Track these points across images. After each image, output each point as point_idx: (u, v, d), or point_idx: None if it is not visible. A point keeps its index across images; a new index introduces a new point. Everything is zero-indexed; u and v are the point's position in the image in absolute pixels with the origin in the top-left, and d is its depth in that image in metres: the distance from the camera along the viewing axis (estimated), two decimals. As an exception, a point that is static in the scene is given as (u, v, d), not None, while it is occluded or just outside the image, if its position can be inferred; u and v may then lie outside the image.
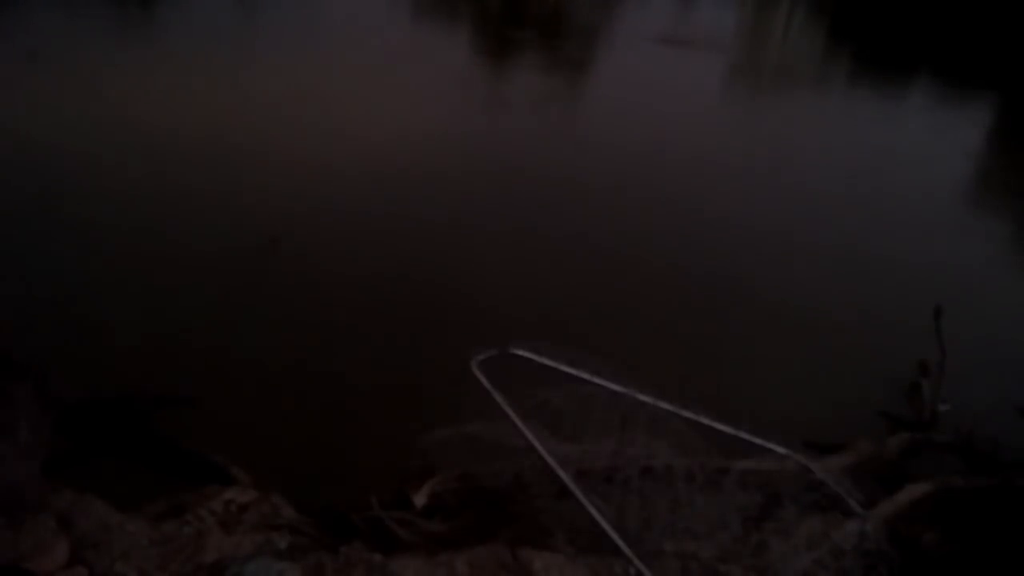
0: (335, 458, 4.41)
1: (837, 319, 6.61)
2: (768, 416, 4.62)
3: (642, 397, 4.03)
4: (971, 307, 6.57)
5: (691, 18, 20.25)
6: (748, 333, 6.30)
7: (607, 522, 3.62)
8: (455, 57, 13.19)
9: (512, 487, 3.95)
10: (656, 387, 4.10)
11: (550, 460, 3.81)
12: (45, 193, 6.87)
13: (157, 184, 7.33)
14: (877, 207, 9.16)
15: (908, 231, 8.68)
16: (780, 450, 4.23)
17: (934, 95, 15.06)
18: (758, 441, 4.21)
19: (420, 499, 3.96)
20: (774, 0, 24.05)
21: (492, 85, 12.59)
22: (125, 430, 4.28)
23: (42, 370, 3.97)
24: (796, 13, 23.68)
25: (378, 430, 4.63)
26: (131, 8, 13.70)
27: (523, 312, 6.02)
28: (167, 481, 3.94)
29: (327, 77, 11.00)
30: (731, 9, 22.49)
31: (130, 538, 3.35)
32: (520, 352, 4.11)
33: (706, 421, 4.08)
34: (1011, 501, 4.31)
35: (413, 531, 3.80)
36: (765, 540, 3.78)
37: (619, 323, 6.12)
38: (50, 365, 4.11)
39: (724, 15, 21.00)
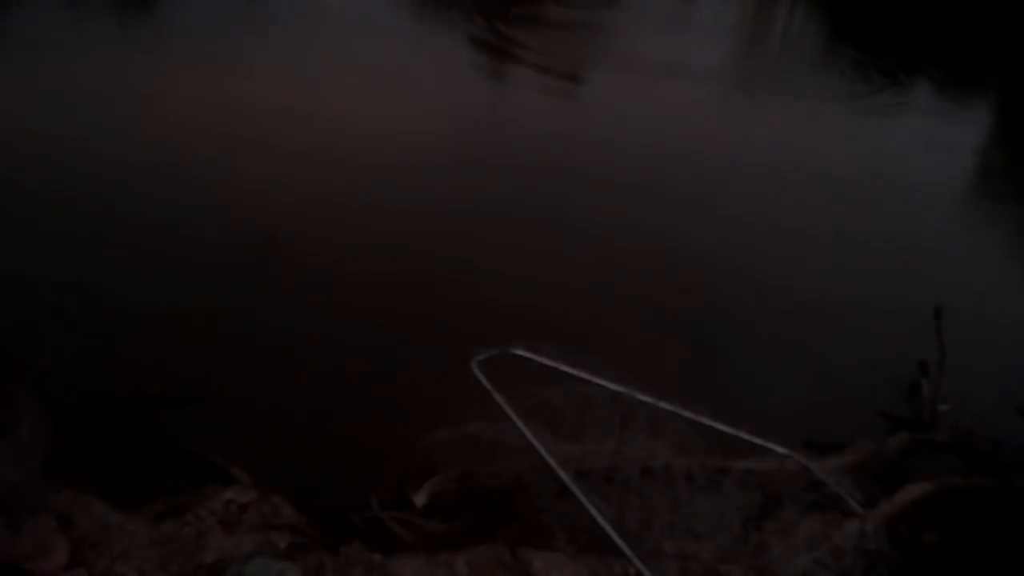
0: (335, 458, 4.40)
1: (837, 319, 6.61)
2: (768, 416, 4.63)
3: (642, 397, 4.04)
4: (971, 307, 6.57)
5: (691, 16, 20.24)
6: (748, 333, 6.30)
7: (607, 522, 3.63)
8: (457, 52, 13.18)
9: (512, 487, 3.95)
10: (656, 387, 4.11)
11: (550, 460, 3.81)
12: (45, 192, 6.86)
13: (157, 184, 7.32)
14: (878, 207, 9.15)
15: (909, 231, 8.67)
16: (780, 450, 4.23)
17: (936, 94, 15.06)
18: (758, 441, 4.21)
19: (420, 499, 3.96)
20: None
21: (493, 81, 12.58)
22: (125, 430, 4.28)
23: (42, 370, 3.97)
24: (797, 10, 23.67)
25: (378, 430, 4.62)
26: (131, 7, 13.70)
27: (523, 311, 6.01)
28: (167, 481, 3.94)
29: (327, 74, 10.99)
30: (731, 6, 22.46)
31: (130, 538, 3.35)
32: (520, 352, 4.12)
33: (706, 421, 4.09)
34: (1011, 501, 4.32)
35: (413, 531, 3.80)
36: (765, 540, 3.78)
37: (619, 323, 6.12)
38: (50, 365, 4.12)
39: (724, 12, 20.97)
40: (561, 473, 3.77)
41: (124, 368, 4.81)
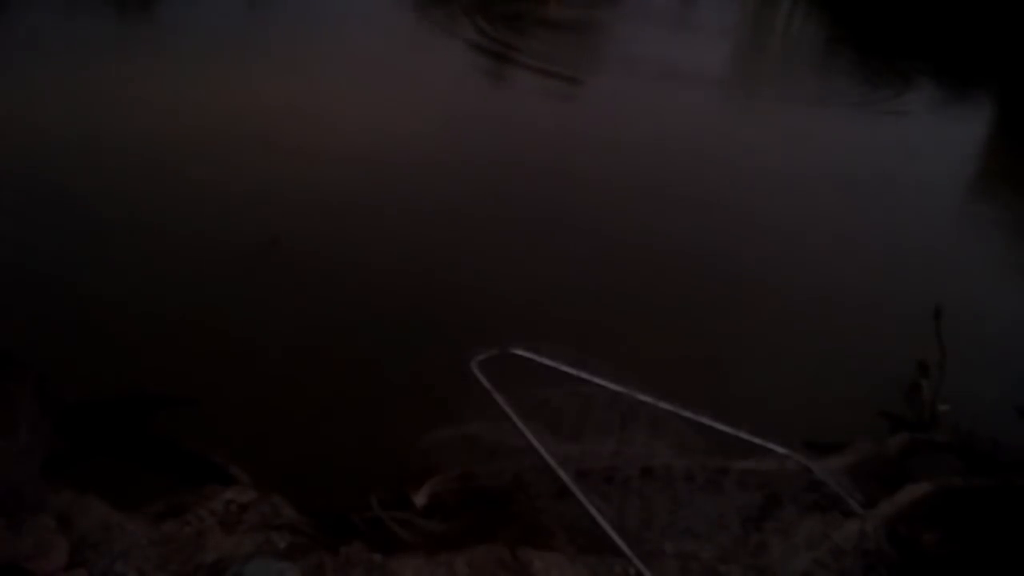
0: (335, 458, 4.41)
1: (837, 319, 6.61)
2: (768, 416, 4.64)
3: (642, 397, 4.05)
4: (971, 307, 6.57)
5: (690, 15, 20.25)
6: (748, 333, 6.30)
7: (607, 522, 3.63)
8: (456, 52, 13.19)
9: (512, 487, 3.95)
10: (656, 387, 4.12)
11: (550, 460, 3.81)
12: (44, 192, 6.86)
13: (158, 184, 7.32)
14: (878, 207, 9.15)
15: (909, 231, 8.68)
16: (780, 450, 4.24)
17: (936, 94, 15.06)
18: (758, 441, 4.22)
19: (420, 499, 3.96)
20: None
21: (493, 81, 12.58)
22: (125, 430, 4.28)
23: (42, 370, 3.97)
24: (797, 10, 23.68)
25: (378, 430, 4.63)
26: (130, 7, 13.70)
27: (523, 311, 6.02)
28: (167, 481, 3.94)
29: (327, 74, 10.99)
30: (731, 6, 22.46)
31: (130, 538, 3.35)
32: (520, 352, 4.13)
33: (706, 421, 4.10)
34: (1011, 501, 4.32)
35: (413, 531, 3.80)
36: (765, 540, 3.78)
37: (619, 323, 6.12)
38: (50, 365, 4.12)
39: (724, 12, 20.97)
40: (561, 473, 3.77)
41: (124, 368, 4.81)
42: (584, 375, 4.05)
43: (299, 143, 8.54)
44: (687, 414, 4.06)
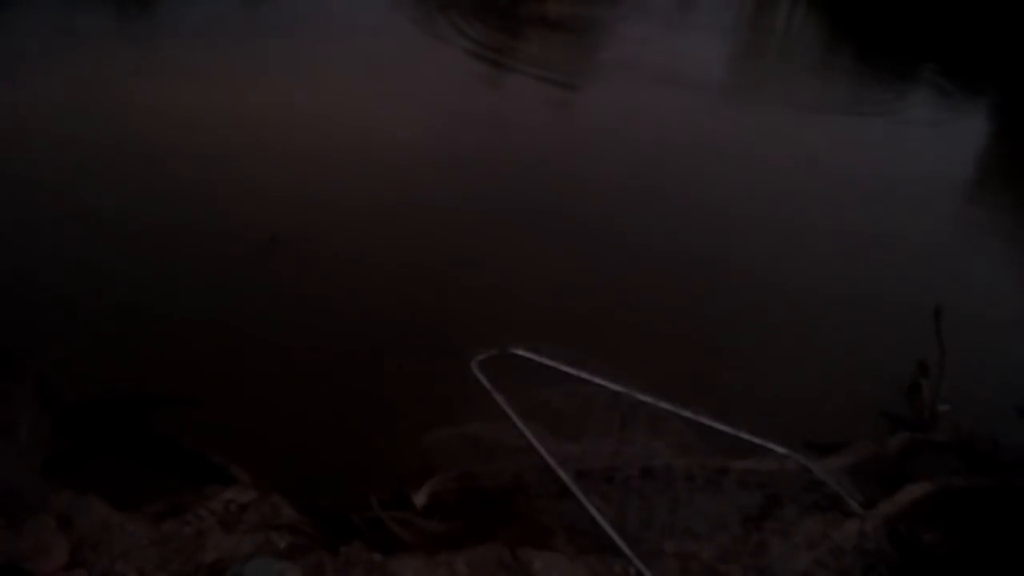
0: (335, 458, 4.41)
1: (837, 320, 6.61)
2: (768, 416, 4.64)
3: (642, 397, 4.05)
4: (971, 307, 6.57)
5: (690, 15, 20.24)
6: (748, 333, 6.30)
7: (607, 522, 3.64)
8: (455, 52, 13.18)
9: (512, 487, 3.96)
10: (656, 387, 4.12)
11: (550, 460, 3.82)
12: (44, 193, 6.87)
13: (157, 183, 7.32)
14: (878, 208, 9.15)
15: (909, 232, 8.67)
16: (780, 450, 4.25)
17: (936, 94, 15.05)
18: (758, 441, 4.23)
19: (420, 499, 3.96)
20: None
21: (493, 82, 12.58)
22: (125, 430, 4.28)
23: (42, 370, 3.97)
24: (797, 11, 23.68)
25: (378, 430, 4.63)
26: (130, 7, 13.70)
27: (523, 311, 6.02)
28: (167, 481, 3.95)
29: (325, 76, 10.99)
30: (731, 7, 22.46)
31: (130, 538, 3.35)
32: (520, 352, 4.14)
33: (706, 421, 4.10)
34: (1011, 501, 4.32)
35: (413, 531, 3.80)
36: (765, 540, 3.79)
37: (619, 323, 6.12)
38: (50, 365, 4.12)
39: (724, 12, 20.97)
40: (561, 473, 3.78)
41: (124, 368, 4.81)
42: (584, 375, 4.06)
43: (297, 143, 8.54)
44: (687, 414, 4.06)
